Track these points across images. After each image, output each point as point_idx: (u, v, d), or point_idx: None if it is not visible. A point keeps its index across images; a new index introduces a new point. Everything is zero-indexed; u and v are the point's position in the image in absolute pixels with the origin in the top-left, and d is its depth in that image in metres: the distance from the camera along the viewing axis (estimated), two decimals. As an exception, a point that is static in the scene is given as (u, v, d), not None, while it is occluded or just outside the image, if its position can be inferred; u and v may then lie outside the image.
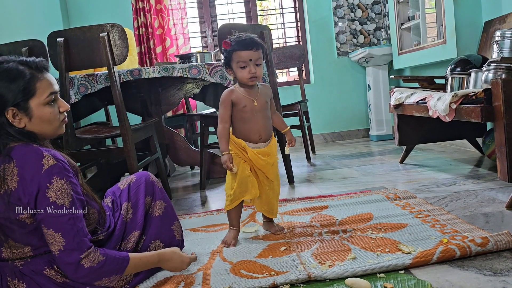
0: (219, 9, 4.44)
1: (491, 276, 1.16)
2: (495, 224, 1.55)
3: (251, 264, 1.39)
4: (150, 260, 1.29)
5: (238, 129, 1.57)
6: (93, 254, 1.13)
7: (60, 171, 1.13)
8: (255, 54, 1.49)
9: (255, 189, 1.58)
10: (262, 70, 1.53)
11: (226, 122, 1.54)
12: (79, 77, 2.23)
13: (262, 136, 1.57)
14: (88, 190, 1.31)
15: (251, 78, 1.51)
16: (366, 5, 4.33)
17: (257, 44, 1.50)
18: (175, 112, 4.10)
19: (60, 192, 1.12)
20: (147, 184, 1.46)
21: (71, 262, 1.10)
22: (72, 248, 1.10)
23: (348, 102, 4.43)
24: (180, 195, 2.58)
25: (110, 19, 3.62)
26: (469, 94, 1.92)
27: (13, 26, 3.07)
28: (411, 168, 2.68)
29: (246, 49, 1.49)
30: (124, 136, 2.07)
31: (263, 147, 1.58)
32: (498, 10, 2.69)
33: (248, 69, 1.50)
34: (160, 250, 1.33)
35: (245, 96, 1.54)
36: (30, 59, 1.19)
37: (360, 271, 1.23)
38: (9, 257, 1.17)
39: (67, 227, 1.11)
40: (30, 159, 1.12)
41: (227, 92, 1.55)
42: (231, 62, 1.52)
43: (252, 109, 1.54)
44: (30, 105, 1.16)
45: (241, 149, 1.56)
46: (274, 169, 1.64)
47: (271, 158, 1.61)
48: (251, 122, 1.55)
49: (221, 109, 1.55)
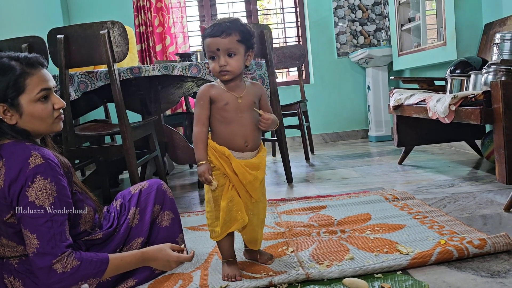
0: (219, 8, 4.44)
1: (489, 277, 1.16)
2: (493, 226, 1.55)
3: (249, 263, 1.39)
4: (133, 260, 1.24)
5: (219, 132, 1.27)
6: (66, 259, 1.09)
7: (45, 171, 1.10)
8: (224, 41, 1.20)
9: (242, 213, 1.27)
10: (238, 62, 1.23)
11: (204, 124, 1.26)
12: (79, 74, 2.22)
13: (249, 143, 1.27)
14: (84, 188, 1.30)
15: (221, 72, 1.23)
16: (367, 6, 4.34)
17: (229, 29, 1.20)
18: (174, 110, 4.10)
19: (41, 192, 1.09)
20: (157, 192, 1.43)
21: (42, 267, 1.07)
22: (45, 252, 1.07)
23: (348, 102, 4.44)
24: (179, 194, 2.58)
25: (111, 17, 3.62)
26: (469, 96, 1.92)
27: (13, 23, 3.07)
28: (410, 169, 2.69)
29: (212, 35, 1.21)
30: (123, 133, 2.06)
31: (251, 157, 1.28)
32: (499, 13, 2.69)
33: (217, 60, 1.22)
34: (144, 249, 1.28)
35: (227, 91, 1.26)
36: (22, 54, 1.17)
37: (358, 271, 1.23)
38: (4, 255, 1.17)
39: (43, 229, 1.08)
40: (18, 158, 1.10)
41: (205, 87, 1.27)
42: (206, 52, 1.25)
43: (236, 108, 1.26)
44: (20, 101, 1.14)
45: (223, 160, 1.25)
46: (262, 187, 1.34)
47: (261, 173, 1.29)
48: (234, 124, 1.26)
49: (197, 107, 1.27)
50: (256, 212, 1.32)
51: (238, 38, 1.22)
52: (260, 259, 1.39)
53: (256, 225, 1.33)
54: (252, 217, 1.31)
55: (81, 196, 1.26)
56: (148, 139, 2.47)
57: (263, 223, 1.38)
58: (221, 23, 1.22)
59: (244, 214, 1.27)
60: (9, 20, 3.01)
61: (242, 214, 1.27)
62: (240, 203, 1.27)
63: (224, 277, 1.28)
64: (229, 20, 1.23)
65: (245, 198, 1.28)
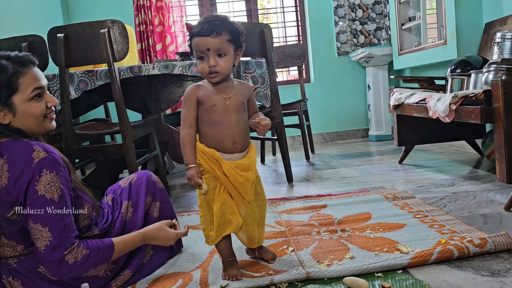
0: (220, 7, 4.43)
1: (489, 276, 1.16)
2: (493, 225, 1.55)
3: (250, 262, 1.39)
4: (136, 242, 1.28)
5: (207, 134, 1.24)
6: (76, 249, 1.11)
7: (50, 164, 1.11)
8: (215, 41, 1.16)
9: (236, 215, 1.25)
10: (228, 62, 1.20)
11: (191, 126, 1.23)
12: (79, 73, 2.22)
13: (237, 144, 1.24)
14: (81, 184, 1.30)
15: (211, 74, 1.19)
16: (367, 5, 4.33)
17: (218, 27, 1.16)
18: (175, 109, 4.10)
19: (50, 185, 1.10)
20: (148, 184, 1.45)
21: (54, 259, 1.08)
22: (57, 245, 1.08)
23: (348, 102, 4.43)
24: (179, 193, 2.58)
25: (111, 16, 3.61)
26: (469, 95, 1.92)
27: (14, 22, 3.06)
28: (410, 168, 2.68)
29: (202, 35, 1.16)
30: (123, 132, 2.06)
31: (240, 158, 1.26)
32: (499, 12, 2.69)
33: (206, 60, 1.19)
34: (143, 230, 1.32)
35: (214, 92, 1.23)
36: (13, 53, 1.16)
37: (358, 270, 1.23)
38: (2, 255, 1.16)
39: (55, 221, 1.09)
40: (20, 153, 1.10)
41: (191, 88, 1.24)
42: (194, 52, 1.21)
43: (224, 109, 1.22)
44: (13, 101, 1.13)
45: (213, 163, 1.23)
46: (258, 188, 1.32)
47: (253, 174, 1.26)
48: (222, 125, 1.23)
49: (183, 109, 1.24)
50: (250, 212, 1.29)
51: (228, 38, 1.18)
52: (266, 255, 1.37)
53: (251, 224, 1.30)
54: (246, 217, 1.28)
55: (80, 193, 1.26)
56: (148, 138, 2.47)
57: (261, 222, 1.34)
58: (210, 21, 1.17)
59: (238, 216, 1.25)
60: (9, 19, 3.00)
61: (236, 216, 1.25)
62: (233, 206, 1.25)
63: (225, 277, 1.27)
64: (218, 19, 1.19)
65: (238, 199, 1.26)
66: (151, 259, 1.38)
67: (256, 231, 1.32)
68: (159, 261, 1.41)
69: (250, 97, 1.31)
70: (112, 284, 1.25)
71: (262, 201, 1.34)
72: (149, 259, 1.38)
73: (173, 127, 2.97)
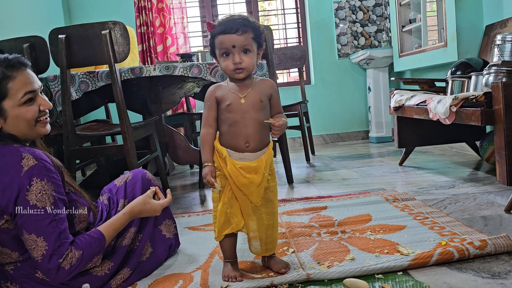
0: (220, 9, 4.44)
1: (489, 278, 1.16)
2: (493, 227, 1.55)
3: (250, 264, 1.39)
4: (124, 222, 1.28)
5: (223, 133, 1.25)
6: (70, 254, 1.10)
7: (40, 172, 1.08)
8: (240, 38, 1.18)
9: (237, 217, 1.25)
10: (252, 59, 1.21)
11: (211, 125, 1.25)
12: (80, 74, 2.23)
13: (250, 143, 1.22)
14: (77, 187, 1.29)
15: (236, 70, 1.20)
16: (368, 7, 4.34)
17: (244, 26, 1.18)
18: (175, 111, 4.11)
19: (41, 194, 1.08)
20: (143, 182, 1.45)
21: (51, 268, 1.08)
22: (52, 253, 1.08)
23: (348, 103, 4.44)
24: (179, 194, 2.58)
25: (113, 17, 3.62)
26: (470, 97, 1.92)
27: (15, 23, 3.07)
28: (410, 170, 2.69)
29: (227, 32, 1.18)
30: (124, 134, 2.07)
31: (253, 158, 1.23)
32: (499, 14, 2.69)
33: (231, 57, 1.20)
34: (128, 208, 1.31)
35: (230, 91, 1.24)
36: (2, 56, 1.12)
37: (359, 271, 1.23)
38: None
39: (49, 230, 1.08)
40: (9, 161, 1.08)
41: (212, 88, 1.26)
42: (215, 50, 1.23)
43: (239, 108, 1.22)
44: (4, 106, 1.10)
45: (222, 161, 1.23)
46: (270, 195, 1.27)
47: (258, 177, 1.22)
48: (237, 125, 1.22)
49: (204, 109, 1.27)
50: (257, 218, 1.26)
51: (252, 36, 1.20)
52: (274, 266, 1.31)
53: (253, 230, 1.27)
54: (250, 222, 1.26)
55: (75, 196, 1.25)
56: (149, 139, 2.47)
57: (269, 230, 1.28)
58: (234, 19, 1.19)
59: (239, 218, 1.25)
60: (10, 20, 3.01)
61: (237, 218, 1.25)
62: (235, 207, 1.25)
63: (225, 278, 1.27)
64: (243, 17, 1.21)
65: (244, 201, 1.24)
66: (150, 257, 1.38)
67: (263, 239, 1.28)
68: (158, 259, 1.41)
69: (272, 95, 1.28)
70: (111, 282, 1.25)
71: (272, 208, 1.29)
72: (148, 257, 1.37)
73: (174, 128, 2.97)
